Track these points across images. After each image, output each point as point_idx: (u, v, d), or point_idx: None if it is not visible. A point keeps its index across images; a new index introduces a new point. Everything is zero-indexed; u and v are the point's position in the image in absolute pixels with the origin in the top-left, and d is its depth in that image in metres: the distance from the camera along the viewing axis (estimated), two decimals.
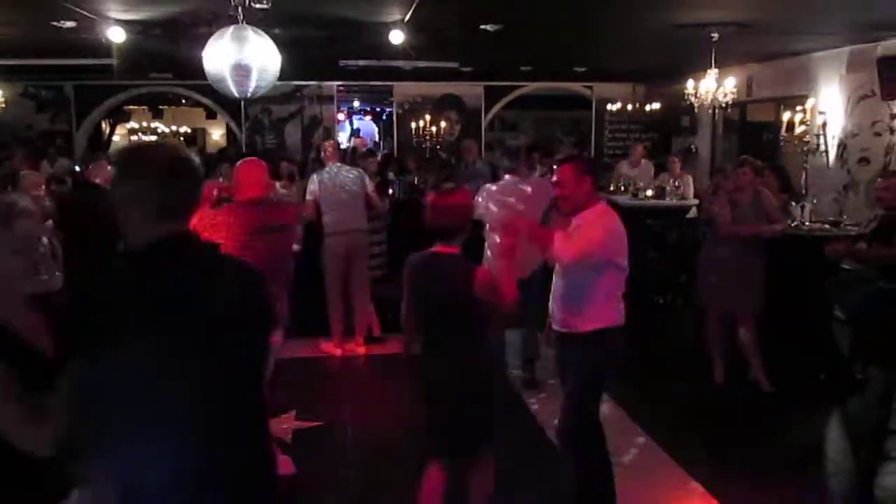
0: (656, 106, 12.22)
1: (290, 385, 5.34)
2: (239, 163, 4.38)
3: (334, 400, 5.35)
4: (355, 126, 17.76)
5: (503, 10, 6.21)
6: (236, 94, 5.09)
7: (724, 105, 7.63)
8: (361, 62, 9.79)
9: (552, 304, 3.56)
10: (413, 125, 12.35)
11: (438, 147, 12.28)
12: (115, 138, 16.27)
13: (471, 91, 12.87)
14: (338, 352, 6.29)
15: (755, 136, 10.77)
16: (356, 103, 16.86)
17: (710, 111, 9.74)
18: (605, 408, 5.01)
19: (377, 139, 17.48)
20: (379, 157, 9.72)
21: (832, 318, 5.72)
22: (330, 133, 12.44)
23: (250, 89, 4.99)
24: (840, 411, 5.13)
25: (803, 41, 7.97)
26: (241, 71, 4.86)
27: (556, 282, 3.54)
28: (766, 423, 4.91)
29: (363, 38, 7.16)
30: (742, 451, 4.53)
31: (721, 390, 5.44)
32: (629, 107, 12.70)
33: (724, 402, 5.29)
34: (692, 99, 7.68)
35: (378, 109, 16.46)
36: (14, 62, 9.00)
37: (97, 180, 5.12)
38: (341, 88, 13.13)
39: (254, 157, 4.86)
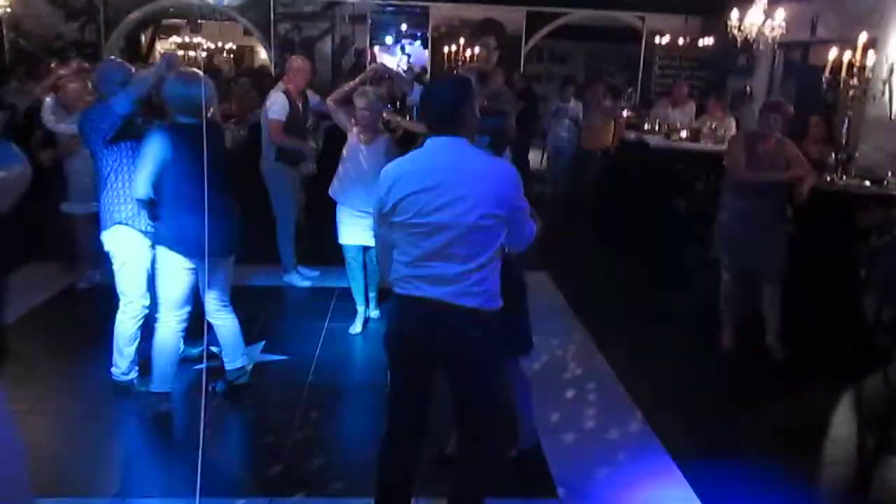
0: (709, 41, 11.25)
1: (259, 316, 5.16)
2: None
3: (302, 333, 5.04)
4: (406, 51, 17.22)
5: None
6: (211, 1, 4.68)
7: (771, 40, 6.83)
8: None
9: None
10: (446, 50, 11.70)
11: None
12: (160, 50, 16.03)
13: (512, 16, 12.10)
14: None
15: (815, 80, 9.83)
16: (403, 27, 16.26)
17: (771, 51, 8.87)
18: (598, 362, 4.67)
19: (426, 66, 16.88)
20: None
21: (860, 284, 5.13)
22: (361, 55, 11.91)
23: None
24: (854, 393, 4.63)
25: None
26: None
27: None
28: (767, 400, 4.40)
29: None
30: (731, 426, 4.07)
31: (728, 360, 4.91)
32: (680, 41, 11.67)
33: (727, 374, 4.78)
34: (735, 32, 6.90)
35: (415, 33, 15.83)
36: None
37: None
38: (375, 8, 12.49)
39: None
